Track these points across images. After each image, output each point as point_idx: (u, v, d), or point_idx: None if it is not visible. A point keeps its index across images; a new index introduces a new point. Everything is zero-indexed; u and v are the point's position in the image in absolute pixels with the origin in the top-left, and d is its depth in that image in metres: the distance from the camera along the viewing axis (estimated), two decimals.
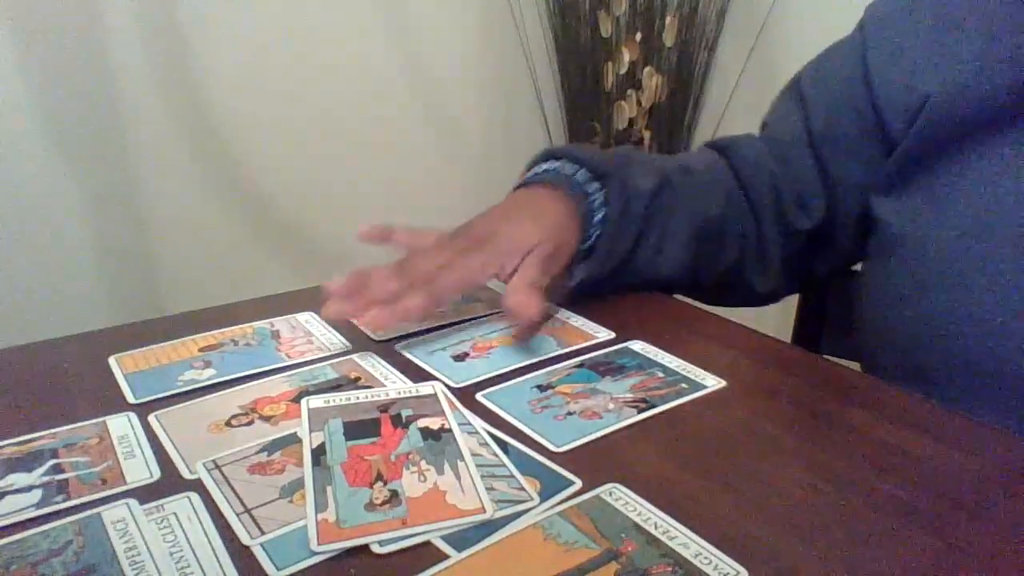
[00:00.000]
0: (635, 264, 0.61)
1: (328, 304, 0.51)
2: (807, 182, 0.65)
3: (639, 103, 1.57)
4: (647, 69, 1.55)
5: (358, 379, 0.51)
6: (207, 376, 0.51)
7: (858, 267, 0.70)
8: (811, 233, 0.67)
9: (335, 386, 0.50)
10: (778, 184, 0.66)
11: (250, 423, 0.46)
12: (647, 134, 1.61)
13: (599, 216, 0.59)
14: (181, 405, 0.48)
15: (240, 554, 0.35)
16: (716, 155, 0.69)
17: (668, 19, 1.54)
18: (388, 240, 0.58)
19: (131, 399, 0.48)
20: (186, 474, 0.41)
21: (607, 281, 0.61)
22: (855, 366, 0.63)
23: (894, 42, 0.60)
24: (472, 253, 0.54)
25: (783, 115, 0.68)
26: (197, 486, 0.40)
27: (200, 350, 0.55)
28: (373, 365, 0.53)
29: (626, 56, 1.54)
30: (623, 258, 0.60)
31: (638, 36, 1.55)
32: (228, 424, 0.46)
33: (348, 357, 0.54)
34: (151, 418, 0.46)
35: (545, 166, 0.62)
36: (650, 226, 0.61)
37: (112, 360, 0.53)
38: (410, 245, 0.57)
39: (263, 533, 0.36)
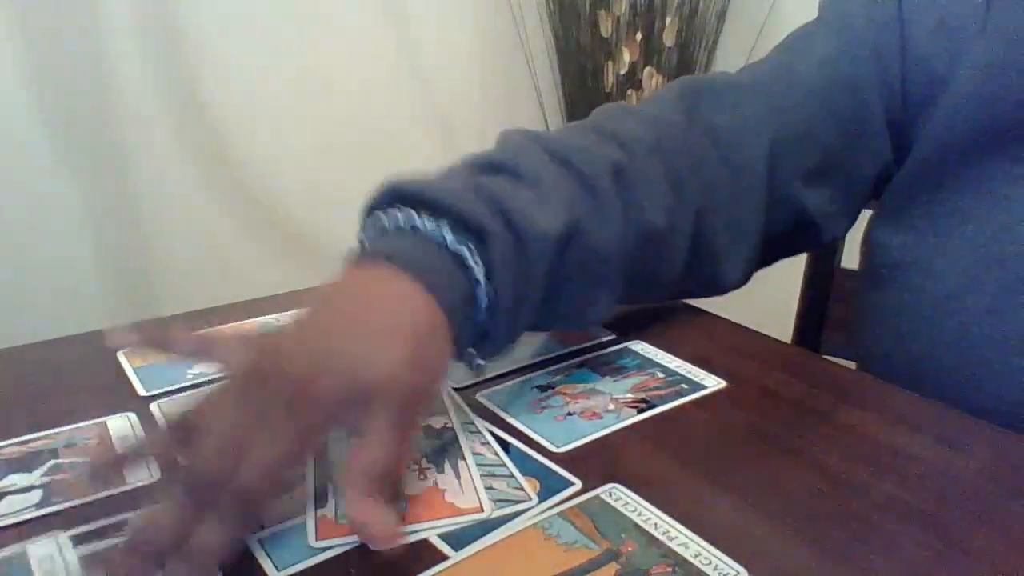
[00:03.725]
0: (553, 321, 0.48)
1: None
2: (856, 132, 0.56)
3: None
4: (647, 69, 1.55)
5: None
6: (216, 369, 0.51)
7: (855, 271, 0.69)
8: (879, 177, 0.58)
9: None
10: (792, 143, 0.55)
11: None
12: None
13: (484, 302, 0.40)
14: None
15: (241, 554, 0.34)
16: (687, 118, 0.53)
17: (668, 19, 1.54)
18: (165, 350, 0.42)
19: (142, 392, 0.49)
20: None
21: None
22: (855, 366, 0.63)
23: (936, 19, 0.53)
24: (284, 416, 0.32)
25: (806, 47, 0.62)
26: None
27: None
28: None
29: (626, 56, 1.54)
30: (530, 325, 0.45)
31: (638, 36, 1.55)
32: None
33: None
34: (153, 407, 0.47)
35: (394, 219, 0.41)
36: (565, 280, 0.44)
37: (121, 355, 0.54)
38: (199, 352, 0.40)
39: (262, 528, 0.36)
